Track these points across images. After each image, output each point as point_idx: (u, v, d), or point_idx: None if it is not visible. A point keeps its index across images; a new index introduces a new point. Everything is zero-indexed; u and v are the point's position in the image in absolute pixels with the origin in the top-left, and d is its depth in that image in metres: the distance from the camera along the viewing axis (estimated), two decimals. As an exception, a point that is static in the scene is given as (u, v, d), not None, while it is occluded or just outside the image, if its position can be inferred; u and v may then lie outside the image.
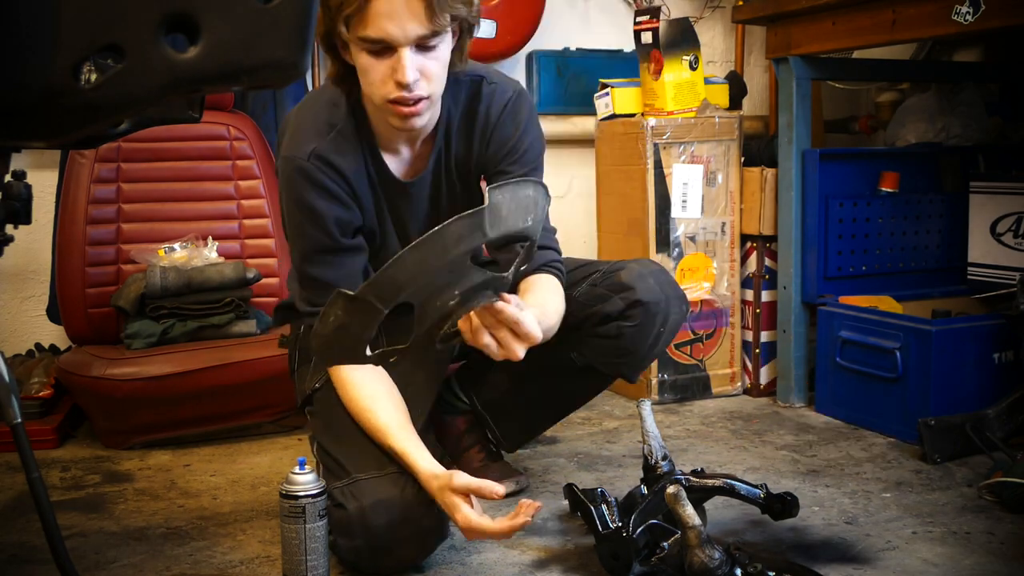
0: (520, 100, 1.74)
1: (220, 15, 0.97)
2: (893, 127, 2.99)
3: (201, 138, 2.64)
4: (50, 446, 2.33)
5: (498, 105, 1.71)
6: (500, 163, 1.73)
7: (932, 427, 2.11)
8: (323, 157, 1.60)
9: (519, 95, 1.74)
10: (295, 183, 1.60)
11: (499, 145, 1.72)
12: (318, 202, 1.60)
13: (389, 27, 1.45)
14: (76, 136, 1.14)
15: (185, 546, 1.75)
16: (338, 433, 1.66)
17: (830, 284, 2.62)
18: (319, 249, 1.63)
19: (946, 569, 1.60)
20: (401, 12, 1.44)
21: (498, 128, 1.72)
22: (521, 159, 1.74)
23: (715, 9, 3.37)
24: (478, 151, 1.73)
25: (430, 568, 1.63)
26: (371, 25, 1.45)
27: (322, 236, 1.62)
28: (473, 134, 1.72)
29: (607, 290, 1.80)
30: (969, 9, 2.03)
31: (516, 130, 1.73)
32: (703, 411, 2.63)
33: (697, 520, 1.45)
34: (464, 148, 1.73)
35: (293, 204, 1.62)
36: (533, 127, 1.76)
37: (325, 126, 1.63)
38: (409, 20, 1.45)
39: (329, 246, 1.63)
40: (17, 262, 2.87)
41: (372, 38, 1.46)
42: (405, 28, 1.45)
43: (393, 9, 1.44)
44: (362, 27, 1.46)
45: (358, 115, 1.65)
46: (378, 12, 1.44)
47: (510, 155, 1.73)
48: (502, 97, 1.72)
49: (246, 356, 2.33)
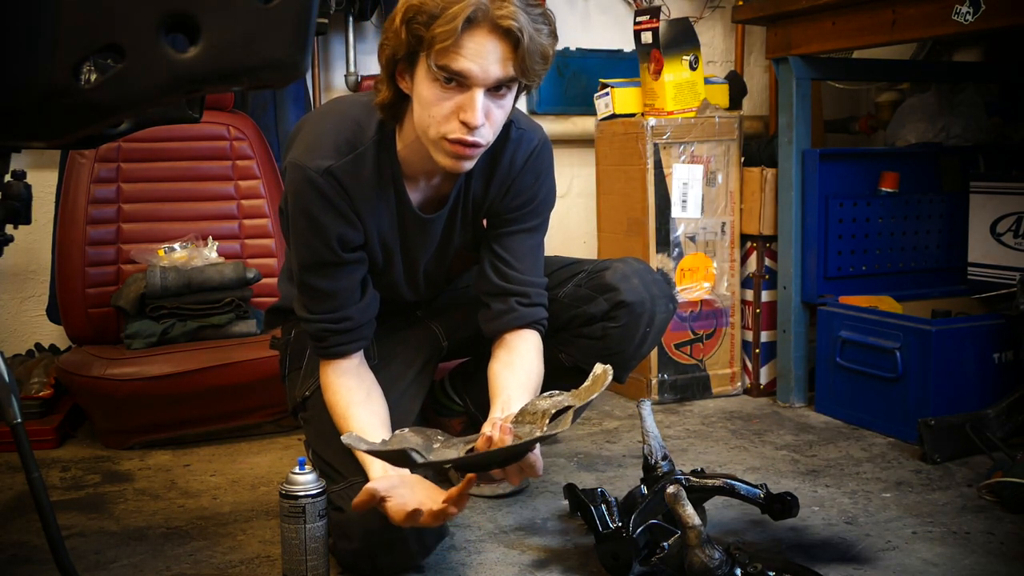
0: (544, 151, 1.74)
1: (220, 15, 0.97)
2: (893, 127, 2.99)
3: (201, 138, 2.64)
4: (50, 446, 2.33)
5: (524, 153, 1.70)
6: (513, 211, 1.73)
7: (932, 427, 2.11)
8: (336, 177, 1.57)
9: (543, 145, 1.73)
10: (304, 193, 1.58)
11: (516, 194, 1.72)
12: (324, 217, 1.58)
13: (474, 64, 1.42)
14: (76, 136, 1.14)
15: (185, 546, 1.75)
16: (331, 439, 1.66)
17: (830, 284, 2.62)
18: (320, 262, 1.62)
19: (946, 569, 1.60)
20: (490, 53, 1.42)
21: (520, 177, 1.71)
22: (533, 210, 1.74)
23: (715, 9, 3.37)
24: (495, 195, 1.72)
25: (430, 568, 1.63)
26: (457, 58, 1.42)
27: (324, 249, 1.61)
28: (494, 177, 1.70)
29: (591, 291, 1.80)
30: (969, 9, 2.03)
31: (536, 182, 1.72)
32: (703, 411, 2.63)
33: (697, 520, 1.45)
34: (482, 189, 1.72)
35: (299, 213, 1.60)
36: (550, 179, 1.76)
37: (346, 145, 1.59)
38: (495, 62, 1.43)
39: (330, 260, 1.62)
40: (17, 262, 2.87)
41: (453, 70, 1.42)
42: (488, 69, 1.43)
43: (483, 48, 1.42)
44: (446, 57, 1.42)
45: (385, 142, 1.62)
46: (467, 46, 1.41)
47: (525, 205, 1.73)
48: (528, 146, 1.71)
49: (246, 356, 2.33)
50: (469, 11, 1.39)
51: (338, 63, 3.06)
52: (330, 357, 1.67)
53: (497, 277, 1.72)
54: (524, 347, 1.71)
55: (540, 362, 1.72)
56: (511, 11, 1.41)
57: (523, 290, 1.72)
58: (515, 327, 1.72)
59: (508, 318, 1.71)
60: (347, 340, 1.66)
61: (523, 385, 1.64)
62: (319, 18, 2.74)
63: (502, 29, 1.41)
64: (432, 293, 1.90)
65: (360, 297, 1.68)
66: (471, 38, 1.41)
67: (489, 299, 1.74)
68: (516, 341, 1.72)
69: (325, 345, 1.66)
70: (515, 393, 1.61)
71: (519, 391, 1.62)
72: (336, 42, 3.05)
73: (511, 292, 1.71)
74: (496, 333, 1.73)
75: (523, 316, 1.71)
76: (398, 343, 1.85)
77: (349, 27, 2.95)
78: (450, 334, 1.92)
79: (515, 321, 1.71)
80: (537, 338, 1.74)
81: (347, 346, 1.67)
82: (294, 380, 1.85)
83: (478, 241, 1.79)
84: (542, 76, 1.52)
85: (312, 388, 1.77)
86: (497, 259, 1.73)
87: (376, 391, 1.68)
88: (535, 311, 1.73)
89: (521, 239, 1.74)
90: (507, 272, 1.72)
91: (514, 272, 1.72)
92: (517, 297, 1.71)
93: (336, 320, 1.65)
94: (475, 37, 1.41)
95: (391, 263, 1.73)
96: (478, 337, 1.80)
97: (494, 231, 1.75)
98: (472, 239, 1.80)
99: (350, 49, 2.96)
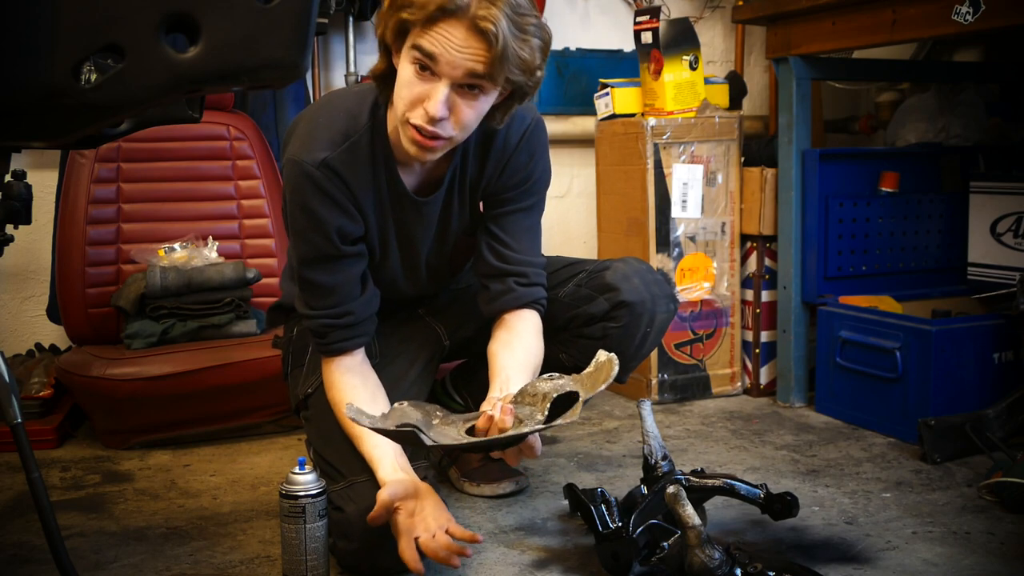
0: (538, 129, 1.74)
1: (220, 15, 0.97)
2: (893, 127, 2.99)
3: (201, 138, 2.64)
4: (50, 446, 2.33)
5: (517, 132, 1.70)
6: (509, 190, 1.73)
7: (932, 427, 2.11)
8: (333, 168, 1.58)
9: (536, 124, 1.73)
10: (302, 188, 1.59)
11: (511, 173, 1.72)
12: (322, 210, 1.59)
13: (443, 48, 1.42)
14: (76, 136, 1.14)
15: (185, 546, 1.75)
16: (333, 437, 1.66)
17: (830, 284, 2.62)
18: (320, 256, 1.63)
19: (946, 569, 1.60)
20: (461, 43, 1.42)
21: (515, 156, 1.71)
22: (529, 189, 1.74)
23: (715, 9, 3.37)
24: (491, 175, 1.72)
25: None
26: (430, 38, 1.43)
27: (323, 243, 1.61)
28: (488, 157, 1.70)
29: (592, 291, 1.80)
30: (969, 9, 2.03)
31: (530, 160, 1.73)
32: (703, 411, 2.63)
33: (697, 520, 1.45)
34: (477, 170, 1.72)
35: (297, 208, 1.61)
36: (544, 158, 1.76)
37: (340, 136, 1.60)
38: (463, 53, 1.42)
39: (330, 253, 1.62)
40: (17, 262, 2.87)
41: (424, 49, 1.43)
42: (455, 59, 1.42)
43: (456, 36, 1.42)
44: (421, 36, 1.43)
45: (377, 127, 1.63)
46: (441, 32, 1.42)
47: (520, 184, 1.73)
48: (521, 124, 1.71)
49: (246, 356, 2.33)
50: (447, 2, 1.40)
51: (338, 63, 3.06)
52: (333, 354, 1.68)
53: (494, 258, 1.73)
54: (523, 326, 1.72)
55: (540, 342, 1.73)
56: (492, 13, 1.41)
57: (521, 270, 1.73)
58: (513, 307, 1.72)
59: (506, 298, 1.72)
60: (349, 336, 1.67)
61: (522, 365, 1.65)
62: (319, 18, 2.74)
63: (478, 28, 1.41)
64: (436, 286, 1.90)
65: (361, 292, 1.69)
66: (447, 25, 1.42)
67: (487, 280, 1.75)
68: (515, 321, 1.72)
69: (327, 341, 1.67)
70: (514, 373, 1.62)
71: (518, 371, 1.62)
72: (336, 42, 3.05)
73: (509, 272, 1.72)
74: (495, 314, 1.74)
75: (521, 296, 1.72)
76: (400, 342, 1.86)
77: (349, 27, 2.95)
78: (452, 333, 1.92)
79: (513, 301, 1.72)
80: (536, 318, 1.74)
81: (349, 342, 1.67)
82: (296, 378, 1.85)
83: (476, 226, 1.80)
84: (528, 86, 1.52)
85: (314, 386, 1.77)
86: (494, 240, 1.74)
87: (380, 390, 1.69)
88: (533, 291, 1.74)
89: (517, 219, 1.74)
90: (504, 252, 1.73)
91: (511, 252, 1.73)
92: (515, 277, 1.72)
93: (337, 315, 1.65)
94: (451, 27, 1.42)
95: (388, 251, 1.74)
96: (480, 336, 1.80)
97: (490, 212, 1.76)
98: (471, 224, 1.80)
99: (350, 49, 2.96)
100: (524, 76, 1.49)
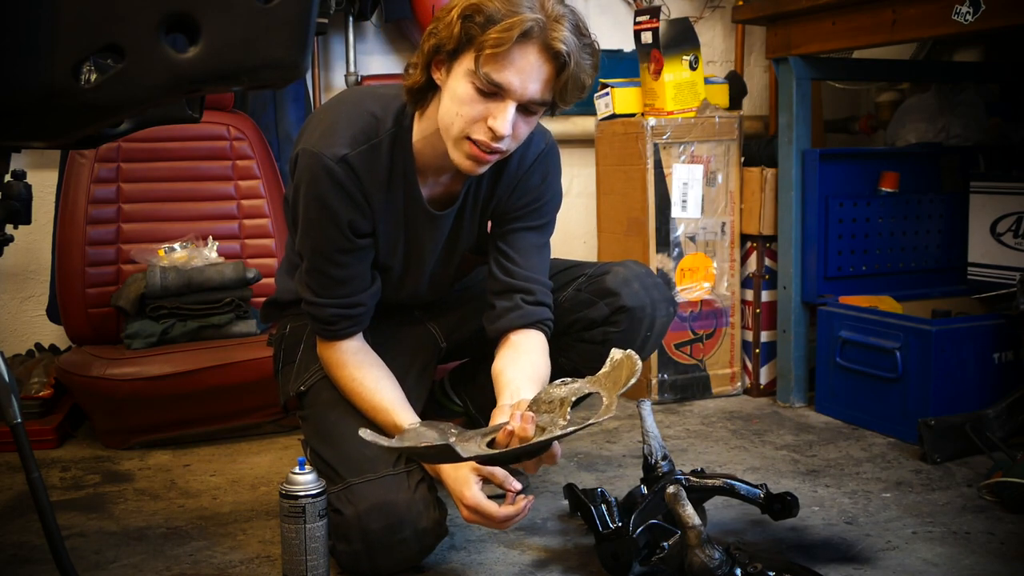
0: (551, 153, 1.75)
1: (220, 15, 0.97)
2: (893, 127, 2.99)
3: (201, 138, 2.64)
4: (50, 446, 2.34)
5: (532, 154, 1.72)
6: (519, 210, 1.73)
7: (932, 427, 2.11)
8: (351, 165, 1.58)
9: (551, 148, 1.75)
10: (319, 180, 1.58)
11: (523, 193, 1.72)
12: (337, 203, 1.58)
13: (516, 79, 1.44)
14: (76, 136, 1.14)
15: (185, 546, 1.75)
16: (331, 437, 1.66)
17: (830, 284, 2.62)
18: (333, 248, 1.62)
19: (946, 569, 1.60)
20: (533, 72, 1.45)
21: (527, 177, 1.72)
22: (539, 210, 1.75)
23: (715, 9, 3.37)
24: (502, 195, 1.72)
25: (430, 568, 1.63)
26: (502, 69, 1.44)
27: (337, 235, 1.61)
28: (502, 177, 1.71)
29: (592, 295, 1.80)
30: (969, 9, 2.03)
31: (542, 182, 1.74)
32: (703, 411, 2.63)
33: (697, 520, 1.45)
34: (490, 189, 1.72)
35: (312, 199, 1.60)
36: (556, 182, 1.77)
37: (362, 135, 1.59)
38: (536, 81, 1.46)
39: (343, 246, 1.62)
40: (17, 262, 2.87)
41: (494, 80, 1.44)
42: (527, 87, 1.45)
43: (528, 65, 1.44)
44: (492, 64, 1.44)
45: (401, 135, 1.62)
46: (513, 60, 1.44)
47: (530, 205, 1.73)
48: (536, 147, 1.72)
49: (246, 356, 2.33)
50: (527, 25, 1.41)
51: (338, 63, 3.06)
52: (337, 339, 1.69)
53: (502, 273, 1.72)
54: (529, 344, 1.70)
55: (547, 361, 1.71)
56: (564, 35, 1.44)
57: (528, 287, 1.71)
58: (520, 325, 1.70)
59: (513, 315, 1.70)
60: (356, 324, 1.69)
61: (530, 377, 1.63)
62: (319, 18, 2.74)
63: (552, 51, 1.44)
64: (435, 297, 1.90)
65: (371, 282, 1.70)
66: (522, 53, 1.44)
67: (494, 298, 1.73)
68: (521, 339, 1.71)
69: (335, 328, 1.68)
70: (524, 384, 1.60)
71: (527, 382, 1.60)
72: (336, 42, 3.05)
73: (516, 288, 1.71)
74: (500, 332, 1.72)
75: (528, 314, 1.70)
76: (397, 344, 1.85)
77: (349, 27, 2.96)
78: (448, 335, 1.92)
79: (520, 319, 1.70)
80: (543, 339, 1.73)
81: (355, 327, 1.70)
82: (287, 375, 1.84)
83: (482, 245, 1.79)
84: (572, 105, 1.55)
85: (309, 383, 1.76)
86: (502, 256, 1.73)
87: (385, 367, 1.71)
88: (540, 310, 1.72)
89: (526, 236, 1.74)
90: (512, 268, 1.72)
91: (519, 268, 1.72)
92: (522, 294, 1.71)
93: (349, 305, 1.66)
94: (525, 53, 1.44)
95: (393, 258, 1.73)
96: (477, 337, 1.80)
97: (500, 229, 1.75)
98: (477, 242, 1.80)
99: (350, 49, 2.96)
100: (578, 96, 1.52)
